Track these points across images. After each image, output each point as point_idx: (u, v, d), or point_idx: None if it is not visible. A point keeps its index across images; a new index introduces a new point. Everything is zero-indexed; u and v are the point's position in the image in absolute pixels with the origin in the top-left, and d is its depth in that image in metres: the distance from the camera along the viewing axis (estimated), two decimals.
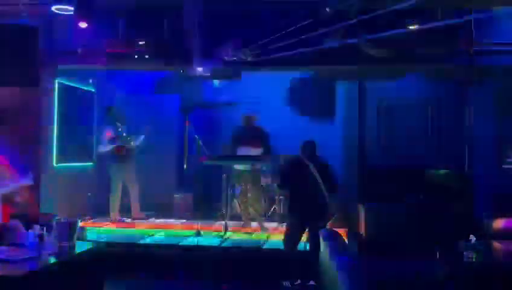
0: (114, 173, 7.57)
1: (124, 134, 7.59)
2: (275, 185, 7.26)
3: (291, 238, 5.53)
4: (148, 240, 6.41)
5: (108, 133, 7.54)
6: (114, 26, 6.53)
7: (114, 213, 7.54)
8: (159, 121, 8.19)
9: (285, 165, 5.97)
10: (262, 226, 7.25)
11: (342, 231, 6.03)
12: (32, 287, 3.40)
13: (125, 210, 7.74)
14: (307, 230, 5.53)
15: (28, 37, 5.91)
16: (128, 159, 7.63)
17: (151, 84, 9.60)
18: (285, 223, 6.04)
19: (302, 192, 5.47)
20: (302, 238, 5.61)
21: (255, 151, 7.12)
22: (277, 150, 7.34)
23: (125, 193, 7.71)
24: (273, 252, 5.94)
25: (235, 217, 7.70)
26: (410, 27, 5.74)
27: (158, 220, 7.87)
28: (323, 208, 5.44)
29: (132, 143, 7.62)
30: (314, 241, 5.35)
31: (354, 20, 5.68)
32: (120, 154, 7.50)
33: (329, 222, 5.73)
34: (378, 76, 7.09)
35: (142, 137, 7.70)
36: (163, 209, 8.28)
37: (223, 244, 6.24)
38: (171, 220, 7.89)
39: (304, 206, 5.46)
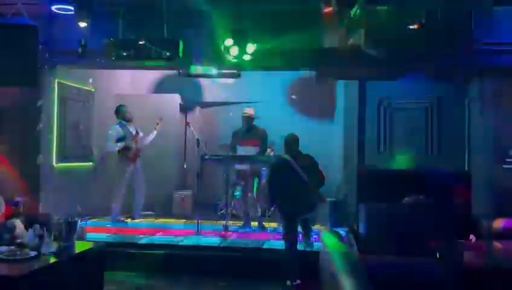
0: (121, 174, 7.50)
1: (133, 133, 7.57)
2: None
3: (290, 236, 5.54)
4: (148, 240, 6.41)
5: (116, 133, 7.51)
6: (114, 26, 6.52)
7: (114, 213, 7.52)
8: None
9: (271, 166, 6.01)
10: (262, 226, 7.25)
11: (341, 231, 6.02)
12: (32, 287, 3.40)
13: (126, 210, 7.73)
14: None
15: (28, 37, 5.90)
16: (137, 159, 7.60)
17: (151, 84, 9.63)
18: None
19: (289, 191, 5.48)
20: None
21: (255, 150, 7.11)
22: (277, 150, 7.35)
23: (125, 193, 7.68)
24: (273, 252, 5.94)
25: (235, 217, 7.71)
26: (410, 27, 5.74)
27: (158, 220, 7.87)
28: (311, 201, 5.55)
29: (140, 142, 7.60)
30: (306, 230, 5.69)
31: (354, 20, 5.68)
32: (129, 155, 7.47)
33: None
34: (378, 76, 7.08)
35: (154, 133, 7.70)
36: (163, 209, 8.28)
37: (223, 244, 6.24)
38: (171, 220, 7.89)
39: (293, 204, 5.48)
